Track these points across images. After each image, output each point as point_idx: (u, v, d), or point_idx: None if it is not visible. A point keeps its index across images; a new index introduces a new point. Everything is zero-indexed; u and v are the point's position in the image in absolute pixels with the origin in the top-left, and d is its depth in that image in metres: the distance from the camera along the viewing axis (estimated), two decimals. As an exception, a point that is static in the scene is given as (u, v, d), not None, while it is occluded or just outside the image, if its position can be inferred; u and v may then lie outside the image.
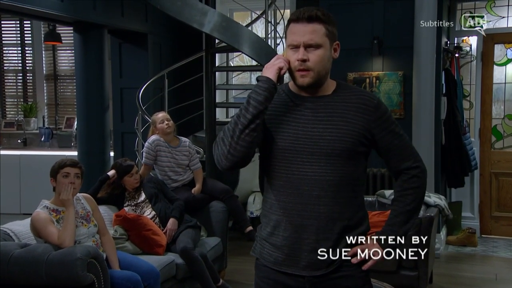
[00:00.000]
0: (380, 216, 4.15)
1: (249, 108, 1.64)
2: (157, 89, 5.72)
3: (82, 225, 3.12)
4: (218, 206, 4.32)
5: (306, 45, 1.68)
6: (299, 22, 1.69)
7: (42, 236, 2.96)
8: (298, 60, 1.69)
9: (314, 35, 1.68)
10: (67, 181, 3.05)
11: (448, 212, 4.23)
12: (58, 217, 3.06)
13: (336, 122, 1.73)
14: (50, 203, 3.10)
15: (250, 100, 1.65)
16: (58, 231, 2.94)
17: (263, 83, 1.67)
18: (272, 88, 1.67)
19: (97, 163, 5.25)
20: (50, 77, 7.48)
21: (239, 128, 1.64)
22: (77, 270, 2.69)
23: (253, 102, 1.64)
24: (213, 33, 4.80)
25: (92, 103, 5.27)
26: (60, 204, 3.08)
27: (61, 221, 3.04)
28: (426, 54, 4.94)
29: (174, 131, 4.45)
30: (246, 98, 1.68)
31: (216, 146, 1.69)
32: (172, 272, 3.60)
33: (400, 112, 5.29)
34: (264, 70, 1.70)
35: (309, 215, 1.72)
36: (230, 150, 1.65)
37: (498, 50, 5.80)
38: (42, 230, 2.95)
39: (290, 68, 1.71)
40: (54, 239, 2.90)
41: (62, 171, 3.06)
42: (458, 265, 4.90)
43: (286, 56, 1.73)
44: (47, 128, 7.23)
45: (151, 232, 3.71)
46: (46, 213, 3.03)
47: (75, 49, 5.32)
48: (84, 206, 3.22)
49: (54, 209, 3.08)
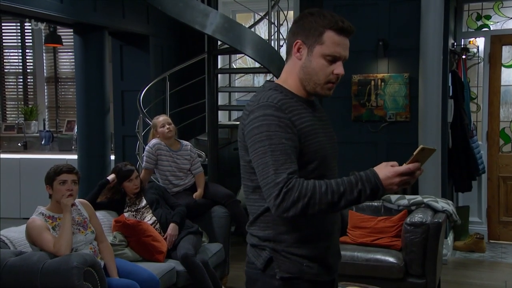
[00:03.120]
0: (387, 222, 4.07)
1: (360, 200, 1.49)
2: (159, 92, 5.66)
3: (79, 232, 3.03)
4: (220, 211, 4.24)
5: (343, 59, 1.63)
6: (343, 34, 1.61)
7: (37, 244, 2.87)
8: (338, 74, 1.62)
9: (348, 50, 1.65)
10: (64, 188, 2.96)
11: (456, 218, 4.12)
12: (54, 224, 2.97)
13: (329, 125, 1.77)
14: (46, 209, 3.01)
15: (363, 197, 1.49)
16: (53, 239, 2.85)
17: (376, 195, 1.51)
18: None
19: (98, 167, 5.19)
20: (51, 79, 7.42)
21: (341, 206, 1.49)
22: (73, 279, 2.59)
23: (364, 200, 1.50)
24: (215, 35, 4.74)
25: (93, 106, 5.20)
26: (56, 211, 3.00)
27: (57, 228, 2.95)
28: (432, 55, 4.85)
29: (175, 135, 4.37)
30: (362, 188, 1.48)
31: (301, 197, 1.47)
32: (172, 280, 3.51)
33: (406, 115, 5.20)
34: (385, 180, 1.49)
35: (335, 221, 1.73)
36: (310, 213, 1.49)
37: (506, 52, 5.71)
38: (37, 238, 2.86)
39: (313, 75, 1.62)
40: (49, 247, 2.81)
41: (58, 178, 2.97)
42: (466, 271, 4.79)
43: (313, 62, 1.61)
44: (48, 131, 7.17)
45: (151, 238, 3.62)
46: (42, 220, 2.94)
47: (75, 51, 5.25)
48: (81, 213, 3.13)
49: (50, 215, 2.99)
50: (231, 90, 6.26)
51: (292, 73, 1.66)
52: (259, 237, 1.66)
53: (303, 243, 1.63)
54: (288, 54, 1.69)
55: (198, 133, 5.86)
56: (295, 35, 1.64)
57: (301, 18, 1.64)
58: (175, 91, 5.61)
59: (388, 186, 1.49)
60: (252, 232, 1.69)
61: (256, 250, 1.68)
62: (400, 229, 3.89)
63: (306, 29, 1.61)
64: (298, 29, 1.63)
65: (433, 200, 4.08)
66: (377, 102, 5.24)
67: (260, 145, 1.52)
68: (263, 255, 1.65)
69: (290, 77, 1.67)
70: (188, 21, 4.57)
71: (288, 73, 1.68)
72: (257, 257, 1.67)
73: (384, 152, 5.17)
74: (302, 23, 1.63)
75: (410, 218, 3.76)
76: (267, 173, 1.50)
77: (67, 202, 2.93)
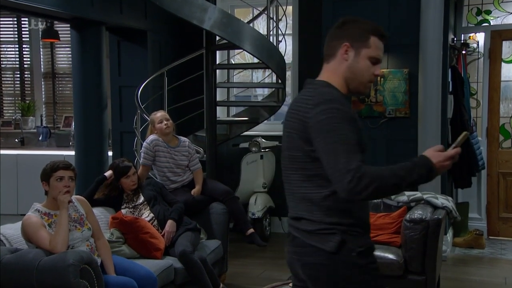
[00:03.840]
0: (386, 218, 4.04)
1: (418, 181, 1.72)
2: (157, 88, 5.62)
3: (76, 229, 2.99)
4: (218, 208, 4.20)
5: (381, 62, 1.93)
6: (382, 40, 1.88)
7: (33, 241, 2.84)
8: (377, 75, 1.90)
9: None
10: (61, 185, 2.93)
11: (456, 214, 4.09)
12: (50, 221, 2.93)
13: None
14: (42, 206, 2.97)
15: (421, 178, 1.72)
16: (49, 236, 2.82)
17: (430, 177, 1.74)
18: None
19: (95, 163, 5.14)
20: (48, 75, 7.37)
21: (402, 187, 1.71)
22: (70, 277, 2.56)
23: (420, 181, 1.73)
24: (213, 30, 4.71)
25: (90, 101, 5.15)
26: (52, 207, 2.96)
27: (53, 225, 2.92)
28: (432, 51, 4.84)
29: (173, 131, 4.34)
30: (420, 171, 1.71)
31: (372, 182, 1.66)
32: (170, 277, 3.48)
33: (406, 111, 5.18)
34: (437, 163, 1.73)
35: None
36: (379, 194, 1.74)
37: (506, 47, 5.69)
38: (33, 235, 2.83)
39: (359, 74, 1.86)
40: (45, 244, 2.78)
41: (55, 175, 2.93)
42: (465, 268, 4.78)
43: (360, 62, 1.84)
44: (45, 127, 7.13)
45: (148, 235, 3.59)
46: (38, 216, 2.91)
47: (72, 46, 5.21)
48: (77, 209, 3.09)
49: (46, 212, 2.96)
50: (230, 86, 6.21)
51: (336, 73, 1.86)
52: (325, 222, 1.79)
53: (359, 227, 1.84)
54: (331, 56, 1.88)
55: (196, 129, 5.81)
56: (341, 38, 1.85)
57: (345, 23, 1.88)
58: (173, 87, 5.56)
59: (440, 168, 1.72)
60: (312, 218, 1.81)
61: (321, 236, 1.79)
62: (399, 226, 3.86)
63: (353, 34, 1.85)
64: (343, 34, 1.86)
65: (433, 196, 4.05)
66: (376, 98, 5.21)
67: (330, 135, 1.70)
68: (334, 238, 1.77)
69: (333, 76, 1.87)
70: (186, 16, 4.53)
71: (331, 72, 1.87)
72: (324, 242, 1.78)
73: (384, 148, 5.14)
74: (347, 29, 1.86)
75: (409, 215, 3.73)
76: (338, 160, 1.67)
77: (64, 199, 2.90)
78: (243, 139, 5.86)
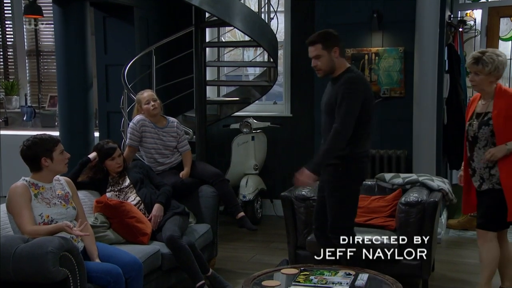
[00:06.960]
0: (380, 201, 3.94)
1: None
2: (144, 66, 5.45)
3: (61, 204, 2.92)
4: (208, 191, 4.08)
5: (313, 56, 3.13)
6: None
7: (14, 217, 2.78)
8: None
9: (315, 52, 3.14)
10: (64, 156, 2.96)
11: (452, 197, 4.00)
12: (36, 191, 2.87)
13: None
14: (30, 178, 2.91)
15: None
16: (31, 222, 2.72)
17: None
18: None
19: (81, 144, 4.98)
20: (32, 53, 7.14)
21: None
22: (48, 265, 2.43)
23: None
24: (202, 6, 4.56)
25: (74, 81, 4.98)
26: (42, 180, 2.91)
27: (39, 196, 2.85)
28: (428, 28, 4.73)
29: (161, 111, 4.19)
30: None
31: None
32: (157, 263, 3.36)
33: (401, 90, 5.06)
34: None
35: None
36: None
37: (504, 24, 5.60)
38: (15, 210, 2.77)
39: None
40: (24, 227, 2.71)
41: (58, 148, 2.93)
42: (460, 250, 4.71)
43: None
44: (30, 107, 6.94)
45: (134, 220, 3.46)
46: (26, 185, 2.84)
47: (55, 23, 5.01)
48: (63, 187, 3.03)
49: (33, 183, 2.89)
50: (220, 65, 6.07)
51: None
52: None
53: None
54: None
55: (185, 109, 5.68)
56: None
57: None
58: (161, 66, 5.40)
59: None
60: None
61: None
62: (394, 209, 3.76)
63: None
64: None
65: (429, 178, 3.96)
66: (371, 77, 5.08)
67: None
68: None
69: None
70: (174, -9, 4.36)
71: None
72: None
73: (378, 129, 5.02)
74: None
75: (405, 198, 3.63)
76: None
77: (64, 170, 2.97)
78: (233, 119, 5.73)
